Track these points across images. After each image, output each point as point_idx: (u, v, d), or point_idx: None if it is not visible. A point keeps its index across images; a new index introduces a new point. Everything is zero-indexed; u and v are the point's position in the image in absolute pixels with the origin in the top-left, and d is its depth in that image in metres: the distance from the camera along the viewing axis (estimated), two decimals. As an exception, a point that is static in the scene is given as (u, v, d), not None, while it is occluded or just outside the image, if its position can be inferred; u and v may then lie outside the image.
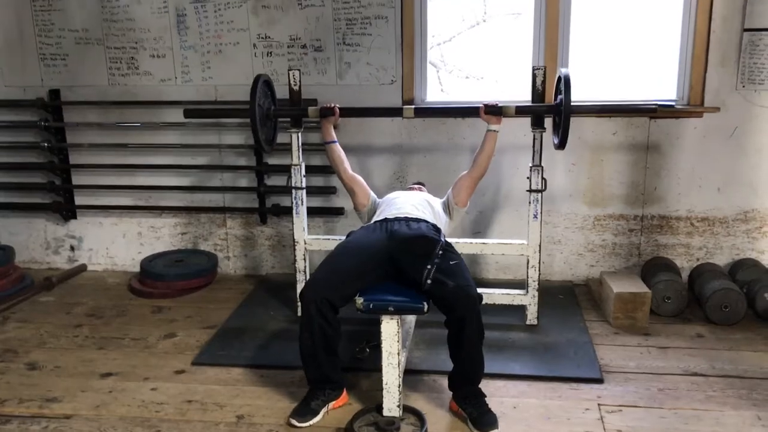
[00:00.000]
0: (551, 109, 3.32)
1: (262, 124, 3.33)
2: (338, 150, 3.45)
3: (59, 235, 4.65)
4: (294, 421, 2.68)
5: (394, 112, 3.61)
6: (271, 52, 4.13)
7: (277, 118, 3.56)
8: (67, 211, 4.55)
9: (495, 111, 3.26)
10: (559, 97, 3.19)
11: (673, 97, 3.97)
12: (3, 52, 4.34)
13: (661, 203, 4.06)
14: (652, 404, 2.82)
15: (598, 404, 2.82)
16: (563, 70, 3.19)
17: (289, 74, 3.49)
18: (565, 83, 3.12)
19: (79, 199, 4.55)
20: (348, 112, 3.52)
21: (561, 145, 3.23)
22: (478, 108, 3.30)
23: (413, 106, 3.35)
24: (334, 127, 3.49)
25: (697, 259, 4.10)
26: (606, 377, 3.04)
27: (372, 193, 3.45)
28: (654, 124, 3.94)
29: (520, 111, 3.32)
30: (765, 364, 3.15)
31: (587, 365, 3.14)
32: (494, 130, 3.27)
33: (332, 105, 3.42)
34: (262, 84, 3.33)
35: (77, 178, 4.51)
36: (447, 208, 3.35)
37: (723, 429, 2.63)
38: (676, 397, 2.88)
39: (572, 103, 3.12)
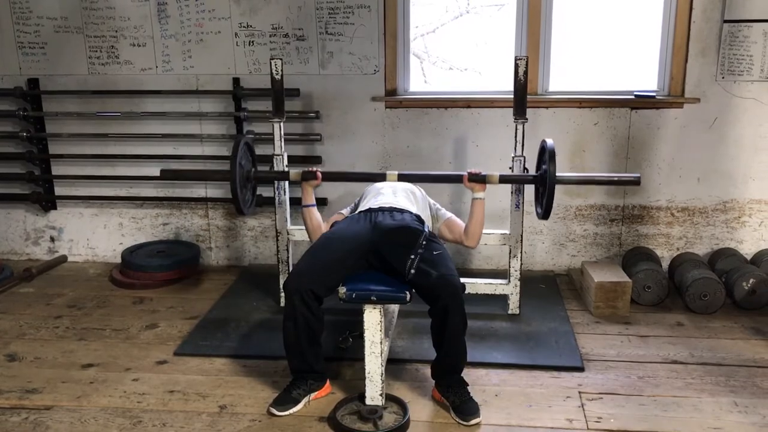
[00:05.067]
0: (536, 179, 3.26)
1: (242, 186, 3.22)
2: (317, 215, 3.30)
3: (39, 225, 4.60)
4: (274, 410, 2.69)
5: (378, 177, 3.47)
6: (252, 41, 4.09)
7: (258, 180, 3.45)
8: (46, 201, 4.50)
9: (479, 179, 3.21)
10: (543, 167, 3.14)
11: (654, 87, 4.01)
12: (-20, 40, 4.27)
13: (641, 193, 4.09)
14: (632, 392, 2.85)
15: (579, 392, 2.85)
16: (548, 142, 3.11)
17: (271, 63, 3.47)
18: (549, 155, 3.05)
19: (59, 190, 4.50)
20: (331, 176, 3.51)
21: (545, 215, 3.18)
22: (461, 176, 3.24)
23: (396, 172, 3.32)
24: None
25: (677, 249, 4.14)
26: (587, 365, 3.07)
27: (346, 209, 3.39)
28: (635, 115, 3.97)
29: (504, 180, 3.30)
30: (742, 352, 3.19)
31: (568, 354, 3.17)
32: (480, 198, 3.22)
33: (314, 169, 3.32)
34: (244, 146, 3.22)
35: (57, 169, 4.46)
36: (434, 218, 3.33)
37: (701, 415, 2.67)
38: (656, 384, 2.91)
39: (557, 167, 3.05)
